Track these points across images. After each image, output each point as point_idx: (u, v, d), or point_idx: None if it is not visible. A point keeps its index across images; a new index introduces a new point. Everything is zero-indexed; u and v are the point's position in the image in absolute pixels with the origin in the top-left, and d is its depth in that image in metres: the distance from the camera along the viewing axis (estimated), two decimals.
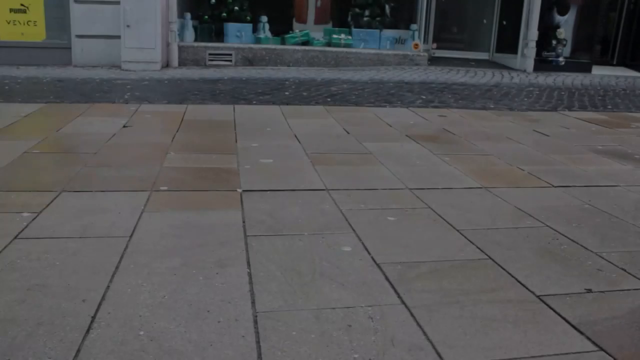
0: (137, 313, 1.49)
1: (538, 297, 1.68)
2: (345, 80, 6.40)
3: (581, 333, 1.49)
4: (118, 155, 3.02)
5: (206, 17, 7.93)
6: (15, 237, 1.93)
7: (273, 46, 7.70)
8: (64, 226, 2.05)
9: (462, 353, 1.38)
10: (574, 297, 1.68)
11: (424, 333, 1.46)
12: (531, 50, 8.28)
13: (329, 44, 7.98)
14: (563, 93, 6.31)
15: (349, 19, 8.39)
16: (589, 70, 8.65)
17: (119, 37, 6.61)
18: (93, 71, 6.39)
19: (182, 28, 7.54)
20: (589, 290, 1.73)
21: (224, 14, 7.84)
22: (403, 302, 1.60)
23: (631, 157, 3.51)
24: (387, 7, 8.36)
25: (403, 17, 8.66)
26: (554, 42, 8.51)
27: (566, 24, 8.64)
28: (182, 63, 7.30)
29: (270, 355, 1.34)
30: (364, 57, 7.82)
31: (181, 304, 1.55)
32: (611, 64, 9.56)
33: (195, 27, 7.77)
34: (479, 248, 2.01)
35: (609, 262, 1.95)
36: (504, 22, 8.90)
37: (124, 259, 1.80)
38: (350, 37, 8.06)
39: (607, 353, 1.40)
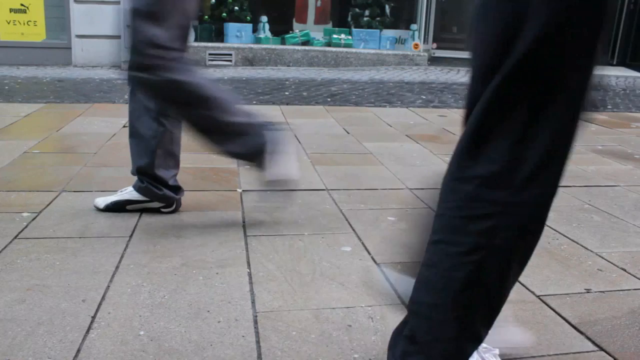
0: (137, 313, 1.49)
1: (538, 297, 1.68)
2: (345, 80, 6.40)
3: (581, 333, 1.49)
4: (118, 155, 3.02)
5: (206, 17, 7.93)
6: (15, 237, 1.94)
7: (273, 46, 7.70)
8: (64, 226, 2.05)
9: None
10: (574, 297, 1.68)
11: None
12: None
13: (329, 44, 7.98)
14: None
15: (349, 19, 8.39)
16: None
17: (119, 37, 6.62)
18: (93, 71, 6.39)
19: None
20: (589, 290, 1.73)
21: (224, 14, 7.84)
22: (403, 302, 1.60)
23: (631, 157, 3.51)
24: (387, 7, 8.37)
25: (403, 17, 8.67)
26: None
27: None
28: None
29: (270, 355, 1.34)
30: (364, 57, 7.82)
31: (181, 304, 1.55)
32: (611, 64, 9.56)
33: (195, 27, 7.77)
34: None
35: (609, 262, 1.95)
36: None
37: (124, 259, 1.80)
38: (350, 37, 8.06)
39: (607, 353, 1.40)
